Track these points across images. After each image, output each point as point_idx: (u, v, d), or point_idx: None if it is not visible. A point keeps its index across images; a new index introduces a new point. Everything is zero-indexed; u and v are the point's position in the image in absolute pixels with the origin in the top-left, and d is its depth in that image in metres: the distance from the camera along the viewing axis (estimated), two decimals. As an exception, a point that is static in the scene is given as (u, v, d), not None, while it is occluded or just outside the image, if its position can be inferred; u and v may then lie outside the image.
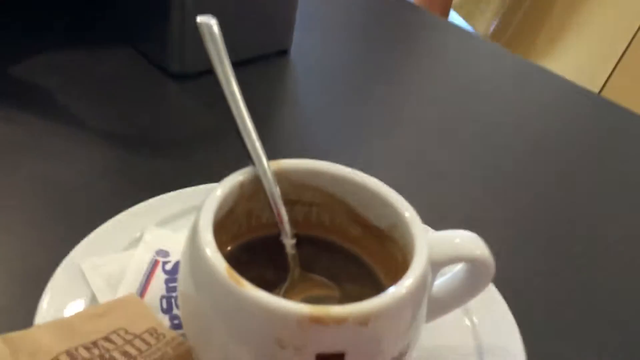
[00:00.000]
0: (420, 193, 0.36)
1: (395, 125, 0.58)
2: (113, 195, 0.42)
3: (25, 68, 0.55)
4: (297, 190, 0.34)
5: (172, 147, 0.49)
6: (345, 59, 0.68)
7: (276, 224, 0.32)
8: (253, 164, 0.31)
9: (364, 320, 0.26)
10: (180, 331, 0.32)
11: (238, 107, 0.31)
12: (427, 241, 0.30)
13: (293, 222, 0.33)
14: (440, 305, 0.33)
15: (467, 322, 0.36)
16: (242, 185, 0.31)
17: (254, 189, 0.32)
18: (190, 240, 0.29)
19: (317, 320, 0.25)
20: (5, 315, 0.34)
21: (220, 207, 0.30)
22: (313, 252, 0.35)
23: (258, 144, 0.31)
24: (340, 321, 0.25)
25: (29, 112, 0.50)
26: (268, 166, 0.31)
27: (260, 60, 0.61)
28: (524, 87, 0.67)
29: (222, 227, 0.32)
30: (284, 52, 0.63)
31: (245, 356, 0.27)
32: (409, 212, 0.31)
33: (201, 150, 0.49)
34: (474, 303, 0.36)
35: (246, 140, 0.31)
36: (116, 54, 0.59)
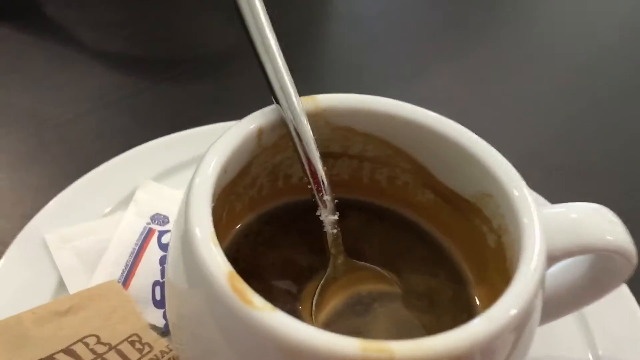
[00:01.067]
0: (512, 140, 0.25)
1: (460, 59, 0.45)
2: (107, 132, 0.33)
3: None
4: (341, 139, 0.23)
5: (186, 71, 0.39)
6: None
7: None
8: (277, 101, 0.21)
9: (447, 365, 0.16)
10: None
11: (257, 19, 0.20)
12: (542, 235, 0.19)
13: (336, 183, 0.24)
14: (553, 308, 0.23)
15: (580, 326, 0.26)
16: (260, 134, 0.21)
17: (278, 136, 0.22)
18: (178, 222, 0.19)
19: (371, 366, 0.15)
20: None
21: (225, 169, 0.20)
22: (363, 225, 0.25)
23: (285, 73, 0.21)
24: (407, 369, 0.16)
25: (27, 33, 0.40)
26: (299, 103, 0.21)
27: None
28: None
29: (233, 193, 0.23)
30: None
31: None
32: (511, 179, 0.20)
33: (222, 75, 0.38)
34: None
35: (267, 67, 0.21)
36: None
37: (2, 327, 0.22)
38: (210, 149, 0.20)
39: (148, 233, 0.26)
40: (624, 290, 0.27)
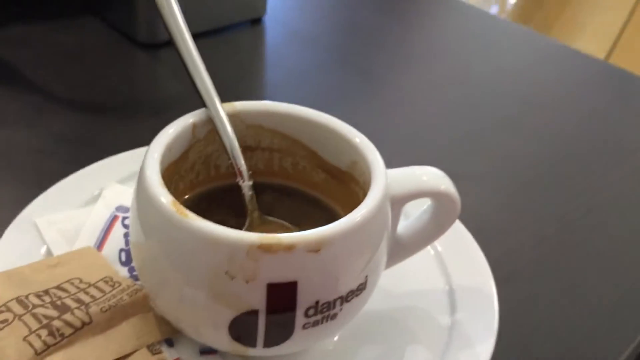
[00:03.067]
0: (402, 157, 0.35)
1: (375, 92, 0.57)
2: (76, 161, 0.41)
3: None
4: (254, 135, 0.33)
5: (139, 114, 0.48)
6: (323, 26, 0.67)
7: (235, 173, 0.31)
8: (204, 105, 0.30)
9: (315, 247, 0.25)
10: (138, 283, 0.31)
11: (185, 43, 0.30)
12: (386, 175, 0.29)
13: (254, 170, 0.33)
14: (407, 247, 0.32)
15: (436, 266, 0.35)
16: (194, 127, 0.30)
17: (208, 131, 0.31)
18: (138, 180, 0.28)
19: (266, 249, 0.24)
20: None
21: (170, 148, 0.29)
22: (274, 198, 0.34)
23: (209, 82, 0.30)
24: (290, 248, 0.24)
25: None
26: (220, 106, 0.30)
27: (233, 29, 0.60)
28: (523, 54, 0.66)
29: (177, 174, 0.31)
30: (257, 21, 0.62)
31: (196, 292, 0.26)
32: (368, 148, 0.30)
33: (168, 116, 0.48)
34: (444, 246, 0.36)
35: (195, 77, 0.30)
36: (80, 24, 0.58)
37: (7, 275, 0.29)
38: (158, 134, 0.29)
39: (114, 217, 0.35)
40: (460, 228, 0.36)
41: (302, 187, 0.34)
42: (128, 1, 0.55)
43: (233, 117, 0.31)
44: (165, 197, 0.26)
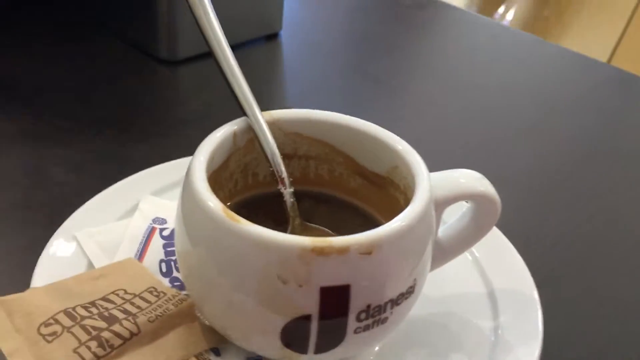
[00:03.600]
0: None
1: (391, 99, 0.57)
2: (103, 179, 0.41)
3: (5, 63, 0.54)
4: (291, 142, 0.33)
5: (164, 131, 0.48)
6: (337, 38, 0.67)
7: (274, 181, 0.31)
8: (244, 113, 0.31)
9: (367, 250, 0.25)
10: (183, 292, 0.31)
11: (224, 52, 0.30)
12: (429, 178, 0.29)
13: (291, 178, 0.33)
14: (447, 250, 0.32)
15: (475, 270, 0.35)
16: (235, 135, 0.31)
17: (248, 139, 0.31)
18: (183, 188, 0.28)
19: (319, 252, 0.24)
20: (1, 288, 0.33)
21: (212, 157, 0.29)
22: (313, 206, 0.34)
23: (248, 91, 0.30)
24: (343, 251, 0.24)
25: (13, 106, 0.49)
26: (260, 114, 0.31)
27: (250, 45, 0.60)
28: (527, 60, 0.66)
29: (217, 183, 0.31)
30: (274, 36, 0.63)
31: (247, 298, 0.26)
32: (409, 153, 0.30)
33: (194, 132, 0.48)
34: (482, 252, 0.36)
35: (235, 87, 0.30)
36: (101, 44, 0.58)
37: (54, 287, 0.29)
38: (202, 143, 0.29)
39: (151, 230, 0.35)
40: (497, 233, 0.36)
41: (338, 193, 0.34)
42: (149, 19, 0.55)
43: (271, 125, 0.32)
44: (214, 203, 0.26)
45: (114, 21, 0.60)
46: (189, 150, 0.29)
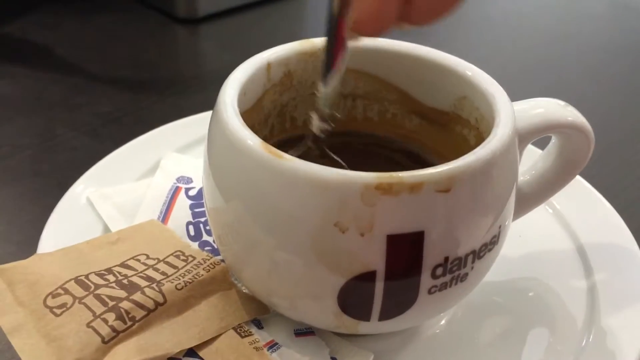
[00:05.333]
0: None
1: (444, 35, 0.50)
2: (122, 139, 0.37)
3: (20, 25, 0.50)
4: (335, 78, 0.28)
5: (184, 89, 0.44)
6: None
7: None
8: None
9: (445, 186, 0.20)
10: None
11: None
12: (511, 104, 0.23)
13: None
14: (529, 196, 0.26)
15: (558, 224, 0.30)
16: (269, 67, 0.26)
17: (284, 72, 0.26)
18: (211, 129, 0.23)
19: (386, 189, 0.19)
20: (9, 260, 0.28)
21: (244, 91, 0.24)
22: (359, 151, 0.29)
23: None
24: (415, 187, 0.19)
25: (28, 67, 0.45)
26: None
27: (275, 1, 0.55)
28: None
29: (250, 127, 0.26)
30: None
31: (297, 254, 0.21)
32: (482, 78, 0.25)
33: (215, 90, 0.43)
34: (563, 201, 0.30)
35: None
36: (117, 3, 0.54)
37: (63, 252, 0.25)
38: (231, 75, 0.24)
39: (176, 189, 0.30)
40: (578, 179, 0.30)
41: (391, 136, 0.29)
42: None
43: (312, 56, 0.26)
44: (252, 140, 0.21)
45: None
46: (210, 109, 0.24)
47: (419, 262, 0.20)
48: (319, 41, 0.27)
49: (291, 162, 0.20)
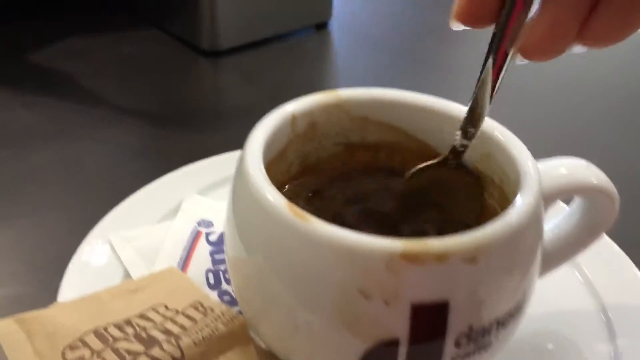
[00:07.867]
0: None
1: (451, 88, 0.51)
2: (146, 174, 0.37)
3: (47, 55, 0.51)
4: (358, 129, 0.28)
5: (207, 123, 0.44)
6: (389, 27, 0.62)
7: (340, 164, 0.26)
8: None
9: (472, 255, 0.19)
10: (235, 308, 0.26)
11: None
12: (536, 167, 0.23)
13: (357, 169, 0.28)
14: (553, 256, 0.26)
15: (582, 284, 0.29)
16: (294, 119, 0.26)
17: (308, 123, 0.26)
18: (235, 182, 0.23)
19: (412, 259, 0.19)
20: (27, 301, 0.28)
21: (269, 143, 0.24)
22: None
23: None
24: (441, 257, 0.19)
25: (54, 97, 0.46)
26: None
27: (299, 35, 0.56)
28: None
29: (272, 177, 0.26)
30: (323, 25, 0.58)
31: (319, 317, 0.20)
32: (507, 137, 0.25)
33: (239, 124, 0.44)
34: (587, 261, 0.30)
35: None
36: (141, 35, 0.54)
37: (83, 301, 0.25)
38: (256, 127, 0.24)
39: (196, 234, 0.30)
40: (609, 242, 0.30)
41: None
42: (191, 10, 0.51)
43: (336, 108, 0.27)
44: (275, 197, 0.21)
45: (156, 11, 0.56)
46: (233, 146, 0.24)
47: (442, 332, 0.20)
48: (343, 92, 0.27)
49: (315, 224, 0.20)
